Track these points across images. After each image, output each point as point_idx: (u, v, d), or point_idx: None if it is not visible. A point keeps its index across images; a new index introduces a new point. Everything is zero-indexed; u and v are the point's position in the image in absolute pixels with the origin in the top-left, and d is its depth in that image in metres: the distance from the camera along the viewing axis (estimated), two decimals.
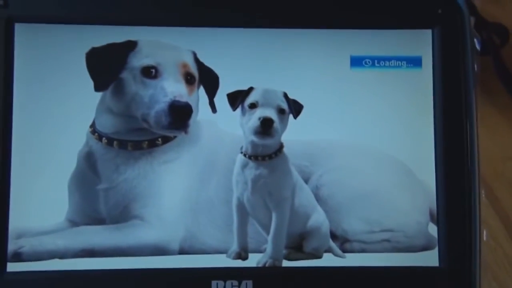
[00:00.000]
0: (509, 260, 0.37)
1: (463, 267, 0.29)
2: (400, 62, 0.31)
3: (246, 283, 0.29)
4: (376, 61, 0.31)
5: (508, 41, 0.58)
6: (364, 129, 0.31)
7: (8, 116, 0.29)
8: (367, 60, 0.31)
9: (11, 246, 0.28)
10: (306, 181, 0.30)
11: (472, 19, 0.56)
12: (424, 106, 0.30)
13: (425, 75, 0.30)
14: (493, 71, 0.55)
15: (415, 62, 0.31)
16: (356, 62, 0.31)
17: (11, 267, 0.29)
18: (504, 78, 0.55)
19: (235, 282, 0.30)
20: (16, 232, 0.28)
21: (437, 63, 0.30)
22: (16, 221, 0.28)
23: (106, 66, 0.30)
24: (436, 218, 0.29)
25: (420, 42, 0.31)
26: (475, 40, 0.31)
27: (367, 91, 0.31)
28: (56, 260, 0.29)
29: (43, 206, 0.29)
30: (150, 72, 0.30)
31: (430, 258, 0.30)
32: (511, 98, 0.53)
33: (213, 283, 0.29)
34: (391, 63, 0.31)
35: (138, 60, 0.30)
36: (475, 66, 0.31)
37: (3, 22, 0.29)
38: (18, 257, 0.29)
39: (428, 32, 0.30)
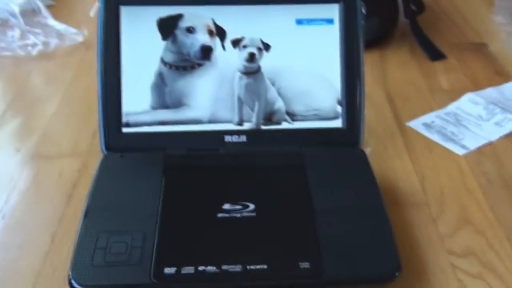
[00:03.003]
0: (387, 122, 0.58)
1: (354, 127, 0.49)
2: (322, 22, 0.52)
3: (243, 136, 0.50)
4: (310, 21, 0.52)
5: (424, 10, 0.78)
6: (302, 57, 0.51)
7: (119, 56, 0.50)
8: (305, 20, 0.52)
9: (123, 120, 0.49)
10: (273, 84, 0.51)
11: None
12: (335, 44, 0.50)
13: (336, 29, 0.50)
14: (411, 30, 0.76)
15: (330, 21, 0.51)
16: (299, 22, 0.52)
17: (124, 130, 0.49)
18: (416, 35, 0.76)
19: (236, 136, 0.50)
20: (125, 112, 0.49)
21: (342, 22, 0.50)
22: (125, 107, 0.49)
23: (167, 27, 0.51)
24: (340, 103, 0.50)
25: (333, 10, 0.51)
26: (362, 9, 0.52)
27: (306, 38, 0.51)
28: (145, 127, 0.52)
29: (138, 99, 0.49)
30: (190, 30, 0.51)
31: (337, 123, 0.50)
32: (419, 47, 0.74)
33: (226, 137, 0.50)
34: (318, 22, 0.52)
35: (184, 24, 0.51)
36: (363, 22, 0.51)
37: (114, 5, 0.51)
38: (127, 125, 0.50)
39: (337, 5, 0.50)
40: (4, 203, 0.49)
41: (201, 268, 0.37)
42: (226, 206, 0.42)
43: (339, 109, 0.50)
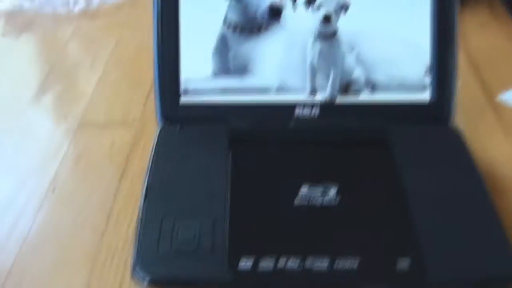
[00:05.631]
0: (474, 95, 0.53)
1: (445, 100, 0.44)
2: None
3: (315, 109, 0.45)
4: None
5: None
6: (386, 18, 0.45)
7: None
8: None
9: (182, 86, 0.45)
10: (351, 50, 0.45)
11: None
12: (425, 3, 0.44)
13: None
14: None
15: None
16: None
17: (183, 98, 0.45)
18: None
19: (308, 109, 0.46)
20: (184, 78, 0.45)
21: None
22: (184, 72, 0.44)
23: None
24: (429, 71, 0.44)
25: None
26: None
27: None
28: (206, 96, 0.48)
29: (198, 65, 0.45)
30: None
31: (425, 95, 0.44)
32: (501, 5, 0.66)
33: (297, 110, 0.45)
34: None
35: None
36: None
37: None
38: (186, 93, 0.46)
39: None
40: (54, 175, 0.46)
41: (281, 260, 0.33)
42: (304, 189, 0.38)
43: (427, 79, 0.45)
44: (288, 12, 0.45)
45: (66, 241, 0.40)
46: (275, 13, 0.45)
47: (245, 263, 0.33)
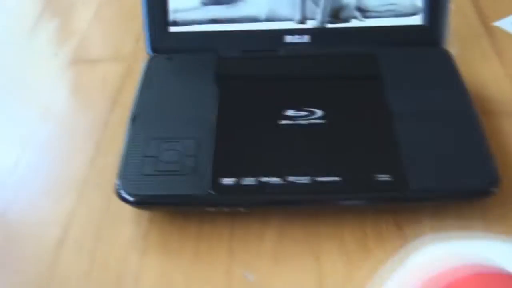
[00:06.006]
0: (470, 21, 0.51)
1: (437, 23, 0.43)
2: None
3: (305, 36, 0.45)
4: None
5: None
6: None
7: None
8: None
9: (170, 17, 0.45)
10: None
11: None
12: None
13: None
14: None
15: None
16: None
17: (171, 29, 0.45)
18: None
19: (298, 36, 0.46)
20: (173, 8, 0.45)
21: None
22: (172, 2, 0.44)
23: None
24: None
25: None
26: None
27: None
28: (195, 26, 0.47)
29: None
30: None
31: (417, 19, 0.44)
32: None
33: (286, 37, 0.45)
34: None
35: None
36: None
37: None
38: (175, 23, 0.45)
39: None
40: (46, 108, 0.46)
41: (264, 179, 0.33)
42: (290, 113, 0.38)
43: (419, 2, 0.44)
44: None
45: (55, 169, 0.40)
46: None
47: (228, 180, 0.33)
